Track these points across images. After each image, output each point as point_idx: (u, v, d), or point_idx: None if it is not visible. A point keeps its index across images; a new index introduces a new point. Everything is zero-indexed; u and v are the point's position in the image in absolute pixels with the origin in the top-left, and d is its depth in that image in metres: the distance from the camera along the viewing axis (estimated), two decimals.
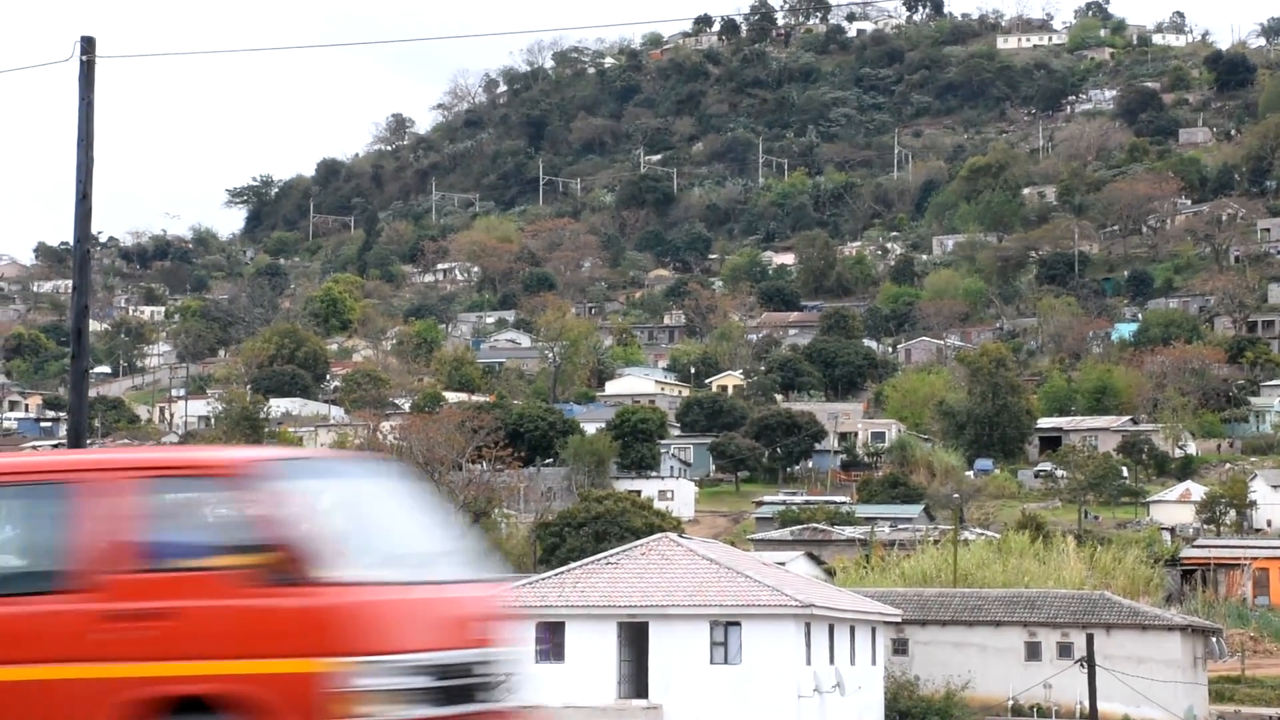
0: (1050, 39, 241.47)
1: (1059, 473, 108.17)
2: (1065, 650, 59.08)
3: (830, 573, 73.24)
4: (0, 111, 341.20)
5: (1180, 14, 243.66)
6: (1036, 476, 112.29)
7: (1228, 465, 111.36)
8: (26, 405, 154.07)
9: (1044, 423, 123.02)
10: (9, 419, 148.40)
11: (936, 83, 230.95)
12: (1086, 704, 55.33)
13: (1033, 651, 60.44)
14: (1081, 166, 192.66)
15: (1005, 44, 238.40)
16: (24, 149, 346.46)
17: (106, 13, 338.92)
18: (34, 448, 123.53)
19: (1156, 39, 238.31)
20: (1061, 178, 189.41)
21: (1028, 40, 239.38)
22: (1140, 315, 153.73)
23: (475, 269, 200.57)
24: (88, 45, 19.00)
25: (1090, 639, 49.59)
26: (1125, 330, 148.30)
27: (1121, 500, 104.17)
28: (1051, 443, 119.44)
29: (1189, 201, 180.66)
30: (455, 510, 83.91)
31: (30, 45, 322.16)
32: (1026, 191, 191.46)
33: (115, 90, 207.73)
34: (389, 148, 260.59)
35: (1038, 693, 58.51)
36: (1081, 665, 48.52)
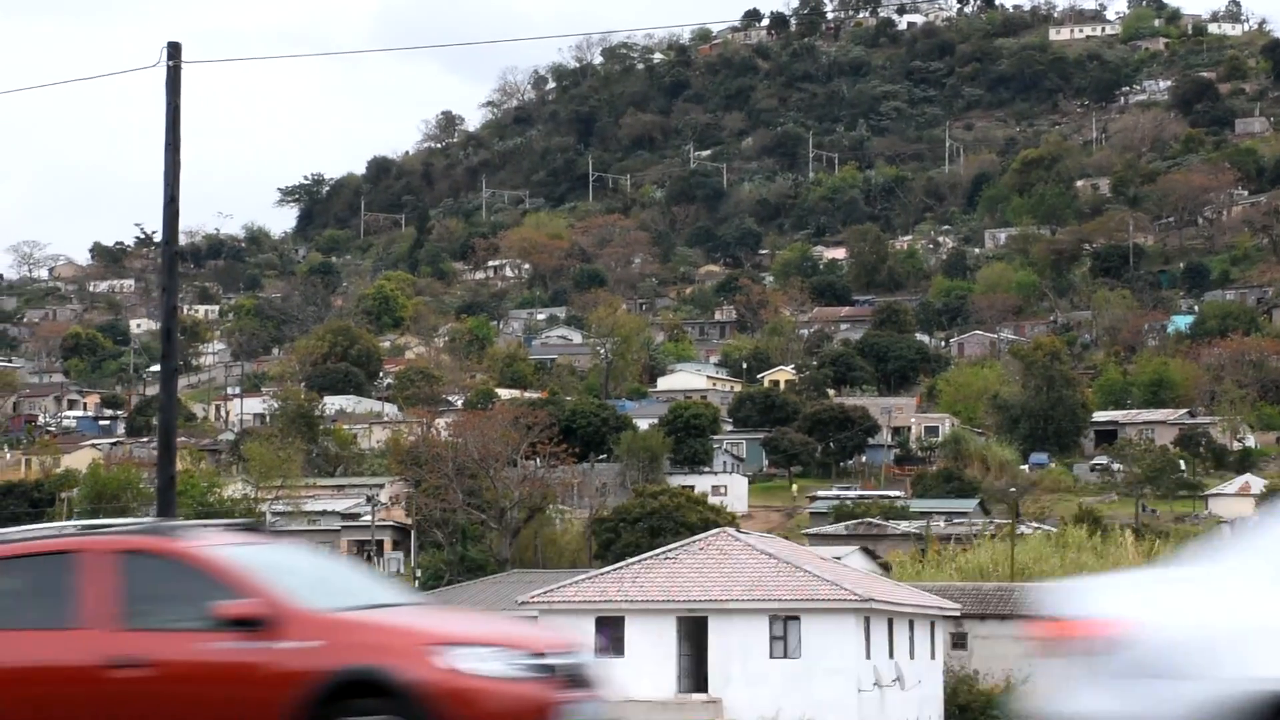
0: (1103, 29, 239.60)
1: (1115, 466, 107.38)
2: None
3: (885, 567, 72.93)
4: (64, 116, 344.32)
5: (1236, 3, 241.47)
6: (1092, 470, 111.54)
7: None
8: (85, 404, 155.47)
9: (1099, 416, 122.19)
10: (68, 417, 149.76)
11: (988, 75, 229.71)
12: None
13: None
14: (1136, 158, 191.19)
15: (1058, 35, 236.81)
16: (79, 150, 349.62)
17: (154, 16, 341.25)
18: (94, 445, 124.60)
19: (1212, 28, 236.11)
20: (1115, 169, 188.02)
21: (1080, 31, 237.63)
22: (1197, 307, 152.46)
23: (526, 266, 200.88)
24: (174, 51, 18.92)
25: None
26: (1181, 323, 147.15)
27: (1179, 494, 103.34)
28: (1107, 436, 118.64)
29: (1246, 192, 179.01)
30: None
31: (77, 50, 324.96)
32: (1080, 184, 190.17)
33: (161, 89, 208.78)
34: (439, 145, 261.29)
35: None
36: None
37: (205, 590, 10.89)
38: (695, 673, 47.64)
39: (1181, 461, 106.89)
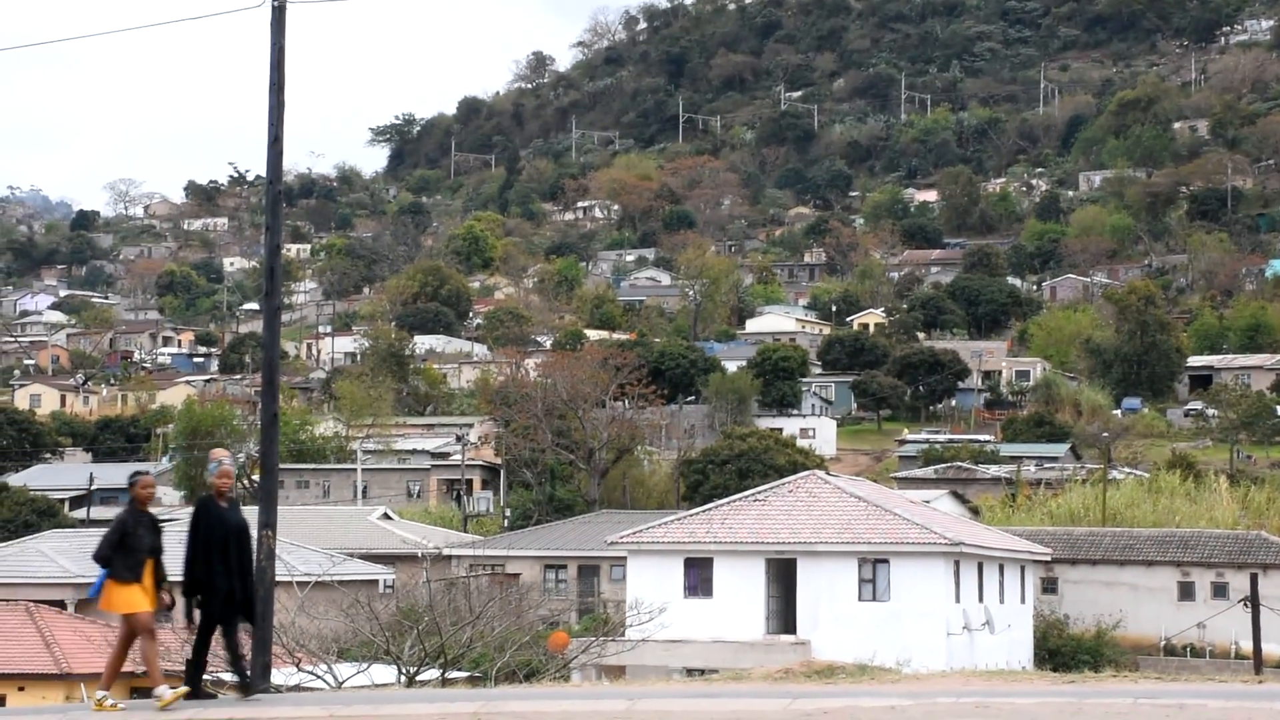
0: None
1: (1210, 411, 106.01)
2: (1220, 590, 58.15)
3: (975, 511, 72.56)
4: (161, 55, 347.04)
5: None
6: (1187, 415, 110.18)
7: None
8: (179, 341, 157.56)
9: (1194, 361, 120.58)
10: (162, 354, 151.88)
11: (1085, 15, 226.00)
12: (1242, 644, 54.39)
13: (1186, 591, 59.57)
14: (1236, 99, 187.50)
15: None
16: (175, 89, 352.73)
17: None
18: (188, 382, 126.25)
19: None
20: (1214, 111, 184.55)
21: None
22: None
23: (615, 207, 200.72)
24: None
25: (1254, 579, 48.63)
26: None
27: (1275, 440, 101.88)
28: (1202, 381, 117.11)
29: None
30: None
31: None
32: (1177, 125, 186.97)
33: (260, 31, 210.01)
34: (529, 86, 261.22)
35: (1191, 633, 57.64)
36: (1245, 605, 47.55)
37: None
38: (783, 615, 47.68)
39: (1278, 407, 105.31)
